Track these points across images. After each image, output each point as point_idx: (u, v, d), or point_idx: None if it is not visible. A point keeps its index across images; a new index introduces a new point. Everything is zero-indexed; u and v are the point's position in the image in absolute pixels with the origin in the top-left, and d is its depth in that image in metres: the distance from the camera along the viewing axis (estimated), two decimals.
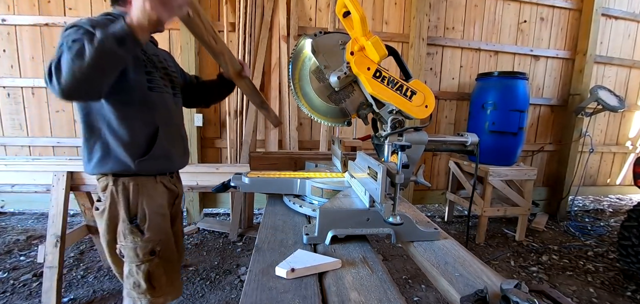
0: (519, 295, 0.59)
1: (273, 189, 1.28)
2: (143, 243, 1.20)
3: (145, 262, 1.21)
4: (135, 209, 1.21)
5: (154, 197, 1.24)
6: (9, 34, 3.08)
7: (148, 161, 1.19)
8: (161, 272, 1.25)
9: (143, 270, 1.21)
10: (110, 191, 1.20)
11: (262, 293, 0.67)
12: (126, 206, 1.19)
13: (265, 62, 3.21)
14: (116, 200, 1.20)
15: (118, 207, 1.20)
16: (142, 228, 1.21)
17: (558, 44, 3.89)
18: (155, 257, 1.23)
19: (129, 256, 1.21)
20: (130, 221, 1.20)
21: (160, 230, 1.25)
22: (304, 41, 1.17)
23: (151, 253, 1.22)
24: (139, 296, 1.23)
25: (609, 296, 2.27)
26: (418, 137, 1.06)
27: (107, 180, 1.20)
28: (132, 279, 1.22)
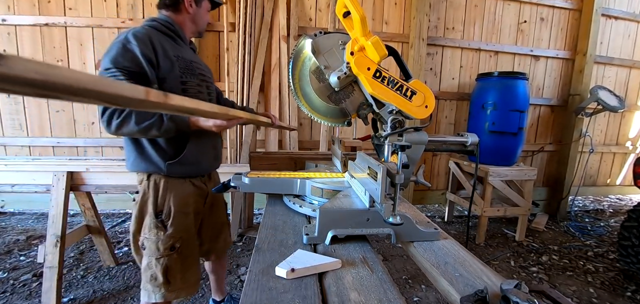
0: (519, 295, 0.59)
1: (273, 189, 1.28)
2: (165, 237, 1.28)
3: (165, 256, 1.28)
4: (162, 206, 1.29)
5: (181, 196, 1.32)
6: (9, 34, 3.08)
7: (177, 165, 1.29)
8: (178, 268, 1.31)
9: (162, 264, 1.28)
10: (143, 186, 1.30)
11: (262, 293, 0.67)
12: (154, 201, 1.29)
13: (265, 62, 3.21)
14: (147, 195, 1.29)
15: (147, 201, 1.29)
16: (166, 224, 1.29)
17: (558, 44, 3.89)
18: (174, 253, 1.30)
19: (150, 248, 1.28)
20: (156, 215, 1.28)
21: (182, 228, 1.32)
22: (304, 41, 1.17)
23: (171, 248, 1.29)
24: (154, 289, 1.29)
25: (609, 297, 2.26)
26: (418, 138, 1.06)
27: (142, 176, 1.31)
28: (150, 272, 1.29)
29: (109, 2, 3.09)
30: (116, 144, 3.30)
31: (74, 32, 3.11)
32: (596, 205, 4.31)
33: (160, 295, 1.30)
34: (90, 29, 3.12)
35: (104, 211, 3.44)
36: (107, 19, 3.10)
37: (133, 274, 2.36)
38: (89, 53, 3.15)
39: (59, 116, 3.23)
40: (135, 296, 2.11)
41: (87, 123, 3.26)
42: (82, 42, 3.13)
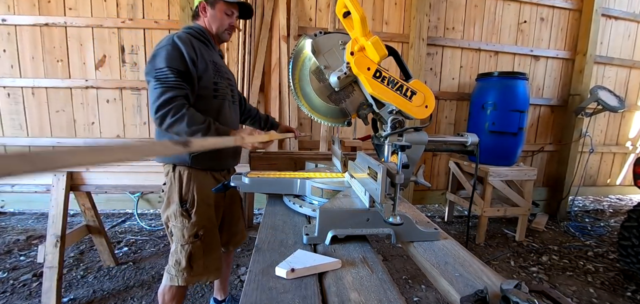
0: (519, 295, 0.59)
1: (273, 189, 1.28)
2: (189, 225, 1.38)
3: (189, 243, 1.38)
4: (186, 195, 1.39)
5: (204, 187, 1.41)
6: (9, 34, 3.08)
7: (201, 157, 1.39)
8: (200, 255, 1.41)
9: (186, 250, 1.38)
10: (170, 177, 1.41)
11: (262, 293, 0.67)
12: (179, 191, 1.39)
13: (265, 62, 3.21)
14: (173, 185, 1.40)
15: (173, 191, 1.39)
16: (190, 212, 1.39)
17: (558, 44, 3.89)
18: (198, 240, 1.40)
19: (177, 235, 1.39)
20: (181, 204, 1.39)
21: (205, 217, 1.42)
22: (304, 41, 1.17)
23: (195, 236, 1.39)
24: (178, 273, 1.39)
25: (609, 297, 2.26)
26: (418, 138, 1.06)
27: (168, 167, 1.41)
28: (175, 257, 1.39)
29: (109, 2, 3.09)
30: (116, 144, 3.30)
31: (74, 32, 3.11)
32: (596, 205, 4.31)
33: (183, 279, 1.39)
34: (90, 28, 3.12)
35: (104, 211, 3.45)
36: (107, 19, 3.10)
37: (133, 274, 2.36)
38: (89, 53, 3.15)
39: (58, 116, 3.23)
40: (135, 296, 2.11)
41: (87, 123, 3.26)
42: (82, 42, 3.13)
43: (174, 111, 1.23)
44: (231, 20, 1.48)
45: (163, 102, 1.23)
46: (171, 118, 1.23)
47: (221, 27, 1.47)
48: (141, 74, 3.22)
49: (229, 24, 1.48)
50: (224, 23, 1.47)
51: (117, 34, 3.15)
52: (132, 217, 3.38)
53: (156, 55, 1.28)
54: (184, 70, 1.28)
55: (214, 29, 1.47)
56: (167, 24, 3.14)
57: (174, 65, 1.26)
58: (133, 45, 3.18)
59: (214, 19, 1.45)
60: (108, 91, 3.22)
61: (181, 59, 1.28)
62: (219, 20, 1.45)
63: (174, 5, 3.12)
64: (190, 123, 1.24)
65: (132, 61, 3.20)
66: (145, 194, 3.46)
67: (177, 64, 1.27)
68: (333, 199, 1.09)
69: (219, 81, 1.42)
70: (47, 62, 3.14)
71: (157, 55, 1.28)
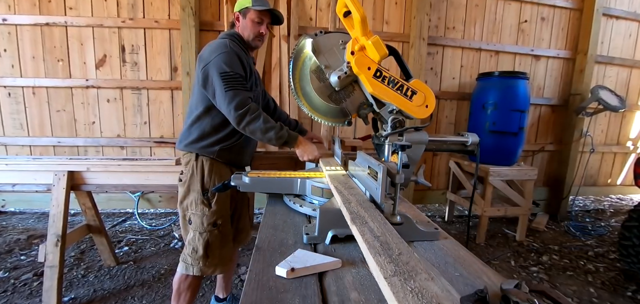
0: (519, 295, 0.59)
1: (273, 188, 1.28)
2: (209, 214, 1.44)
3: (208, 231, 1.44)
4: (208, 184, 1.46)
5: (224, 179, 1.45)
6: (10, 34, 3.08)
7: (227, 151, 1.50)
8: (217, 244, 1.46)
9: (204, 238, 1.43)
10: (191, 166, 1.48)
11: (262, 293, 0.67)
12: (201, 179, 1.46)
13: (266, 62, 3.21)
14: (195, 174, 1.47)
15: (195, 180, 1.46)
16: (211, 202, 1.45)
17: (559, 44, 3.88)
18: (216, 229, 1.46)
19: (196, 223, 1.45)
20: (203, 193, 1.45)
21: (224, 207, 1.49)
22: (305, 41, 1.17)
23: (214, 225, 1.45)
24: (194, 261, 1.44)
25: (610, 297, 2.26)
26: (418, 137, 1.06)
27: (190, 157, 1.49)
28: (193, 245, 1.44)
29: (109, 2, 3.09)
30: (117, 144, 3.31)
31: (74, 32, 3.12)
32: (597, 205, 4.31)
33: (198, 269, 1.43)
34: (90, 28, 3.12)
35: (105, 211, 3.45)
36: (108, 19, 3.10)
37: (133, 274, 2.36)
38: (90, 52, 3.16)
39: (59, 115, 3.23)
40: (136, 295, 2.12)
41: (88, 123, 3.27)
42: (82, 42, 3.13)
43: (252, 110, 1.37)
44: (261, 28, 1.55)
45: (239, 102, 1.35)
46: (250, 116, 1.36)
47: (251, 35, 1.55)
48: (142, 74, 3.22)
49: (259, 31, 1.55)
50: (254, 31, 1.54)
51: (117, 34, 3.15)
52: (133, 216, 3.39)
53: (214, 60, 1.37)
54: (244, 74, 1.42)
55: (245, 37, 1.55)
56: (167, 23, 3.14)
57: (237, 70, 1.39)
58: (133, 44, 3.18)
59: (245, 28, 1.54)
60: (108, 91, 3.22)
61: (241, 64, 1.42)
62: (250, 29, 1.54)
63: (174, 5, 3.12)
64: (266, 121, 1.38)
65: (132, 61, 3.20)
66: (146, 194, 3.47)
67: (239, 68, 1.40)
68: (333, 198, 1.09)
69: (255, 89, 1.54)
70: (48, 61, 3.14)
71: (216, 60, 1.37)
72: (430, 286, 0.48)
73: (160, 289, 2.18)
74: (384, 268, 0.52)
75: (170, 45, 3.20)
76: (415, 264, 0.54)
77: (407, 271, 0.51)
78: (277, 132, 1.39)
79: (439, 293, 0.46)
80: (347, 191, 0.96)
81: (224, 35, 1.55)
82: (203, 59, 1.43)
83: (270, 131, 1.38)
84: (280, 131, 1.40)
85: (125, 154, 3.33)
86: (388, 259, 0.55)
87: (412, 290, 0.46)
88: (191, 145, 1.49)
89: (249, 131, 1.39)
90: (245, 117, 1.36)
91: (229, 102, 1.35)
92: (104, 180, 2.01)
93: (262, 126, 1.37)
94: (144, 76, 3.23)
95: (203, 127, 1.48)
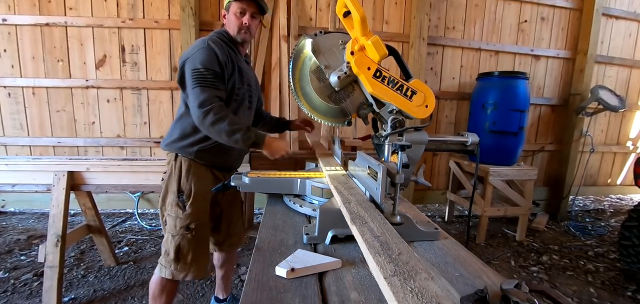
0: (519, 295, 0.59)
1: (273, 189, 1.28)
2: (183, 216, 1.38)
3: (179, 234, 1.38)
4: (184, 186, 1.40)
5: (202, 181, 1.42)
6: (10, 34, 3.08)
7: (206, 152, 1.42)
8: (190, 248, 1.40)
9: (176, 241, 1.38)
10: (170, 166, 1.43)
11: (262, 293, 0.67)
12: (178, 180, 1.40)
13: (266, 62, 3.21)
14: (172, 174, 1.41)
15: (172, 180, 1.41)
16: (186, 204, 1.39)
17: (559, 44, 3.88)
18: (189, 233, 1.39)
19: (169, 225, 1.40)
20: (178, 194, 1.40)
21: (200, 211, 1.42)
22: (305, 41, 1.17)
23: (186, 228, 1.38)
24: (165, 264, 1.39)
25: (610, 296, 2.26)
26: (418, 137, 1.06)
27: (171, 156, 1.45)
28: (165, 247, 1.40)
29: (109, 2, 3.09)
30: (116, 144, 3.30)
31: (74, 32, 3.11)
32: (597, 205, 4.31)
33: (169, 272, 1.38)
34: (90, 28, 3.12)
35: (105, 211, 3.45)
36: (108, 19, 3.10)
37: (133, 274, 2.36)
38: (89, 53, 3.15)
39: (59, 115, 3.23)
40: (136, 295, 2.12)
41: (88, 123, 3.26)
42: (82, 42, 3.13)
43: (216, 110, 1.28)
44: (243, 19, 1.47)
45: (204, 100, 1.28)
46: (214, 116, 1.27)
47: (235, 28, 1.47)
48: (141, 74, 3.22)
49: (241, 23, 1.47)
50: (237, 23, 1.47)
51: (117, 34, 3.15)
52: (133, 217, 3.39)
53: (191, 57, 1.33)
54: (219, 72, 1.34)
55: (232, 32, 1.48)
56: (167, 23, 3.14)
57: (210, 66, 1.31)
58: (133, 45, 3.18)
59: (230, 23, 1.48)
60: (108, 91, 3.22)
61: (216, 61, 1.34)
62: (234, 22, 1.47)
63: (174, 5, 3.12)
64: (231, 123, 1.28)
65: (132, 61, 3.20)
66: (146, 194, 3.47)
67: (213, 65, 1.33)
68: (333, 199, 1.09)
69: (240, 87, 1.46)
70: (48, 61, 3.14)
71: (192, 57, 1.33)
72: (430, 286, 0.48)
73: None
74: (383, 268, 0.52)
75: (170, 45, 3.20)
76: (415, 264, 0.54)
77: (407, 271, 0.52)
78: (243, 134, 1.29)
79: (439, 292, 0.46)
80: (347, 191, 0.96)
81: (211, 34, 1.49)
82: (182, 57, 1.40)
83: (237, 132, 1.28)
84: (246, 133, 1.30)
85: (125, 154, 3.33)
86: (388, 259, 0.55)
87: (412, 290, 0.46)
88: (171, 144, 1.44)
89: (213, 131, 1.30)
90: (207, 117, 1.27)
91: (194, 99, 1.29)
92: (103, 180, 2.00)
93: (227, 127, 1.27)
94: (143, 76, 3.22)
95: (184, 126, 1.42)
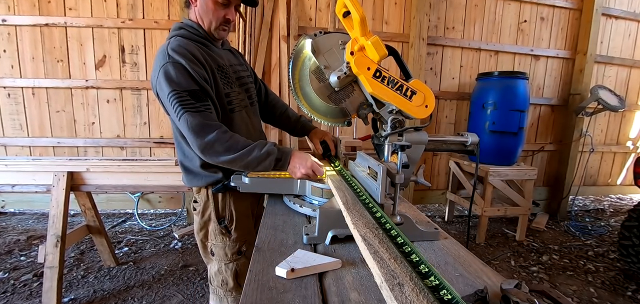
0: (519, 295, 0.59)
1: (273, 189, 1.28)
2: (231, 242, 1.28)
3: (233, 261, 1.29)
4: (224, 212, 1.28)
5: (240, 199, 1.29)
6: (10, 35, 3.08)
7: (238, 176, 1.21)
8: (246, 271, 1.31)
9: (231, 269, 1.29)
10: (202, 196, 1.28)
11: (262, 293, 0.67)
12: (216, 208, 1.27)
13: (266, 62, 3.21)
14: (208, 203, 1.27)
15: (209, 209, 1.27)
16: (230, 229, 1.28)
17: (558, 44, 3.88)
18: (242, 257, 1.30)
19: (219, 254, 1.29)
20: (219, 222, 1.27)
21: (246, 230, 1.32)
22: (304, 41, 1.17)
23: (238, 253, 1.30)
24: (226, 294, 1.31)
25: (610, 296, 2.26)
26: (418, 137, 1.06)
27: (200, 187, 1.28)
28: (221, 277, 1.30)
29: (109, 2, 3.09)
30: (116, 144, 3.30)
31: (74, 33, 3.12)
32: (596, 205, 4.31)
33: (232, 299, 1.31)
34: (90, 29, 3.12)
35: (104, 211, 3.45)
36: (107, 19, 3.10)
37: (133, 274, 2.36)
38: (89, 53, 3.15)
39: (59, 116, 3.23)
40: (135, 296, 2.12)
41: (87, 123, 3.26)
42: (82, 42, 3.13)
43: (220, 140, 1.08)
44: (227, 12, 1.18)
45: (198, 129, 1.07)
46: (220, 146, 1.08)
47: (214, 22, 1.18)
48: (141, 74, 3.22)
49: (224, 16, 1.18)
50: (217, 16, 1.17)
51: (117, 34, 3.15)
52: (133, 217, 3.38)
53: (163, 80, 1.06)
54: (197, 89, 1.08)
55: (205, 24, 1.19)
56: (167, 23, 3.14)
57: (183, 87, 1.05)
58: (133, 45, 3.18)
59: (205, 12, 1.17)
60: (108, 91, 3.22)
61: (187, 75, 1.06)
62: (211, 13, 1.16)
63: (174, 5, 3.12)
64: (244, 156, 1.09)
65: (132, 61, 3.20)
66: (146, 194, 3.47)
67: (186, 83, 1.06)
68: (333, 199, 1.09)
69: (229, 90, 1.22)
70: (48, 62, 3.14)
71: (158, 82, 1.08)
72: None
73: (160, 290, 2.18)
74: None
75: None
76: None
77: None
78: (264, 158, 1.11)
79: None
80: (347, 191, 0.95)
81: (171, 32, 1.19)
82: (151, 81, 1.14)
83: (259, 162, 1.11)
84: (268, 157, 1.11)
85: (125, 155, 3.33)
86: None
87: (413, 290, 0.46)
88: (193, 180, 1.29)
89: (222, 161, 1.10)
90: (212, 149, 1.08)
91: (186, 131, 1.07)
92: (103, 181, 2.00)
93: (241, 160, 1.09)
94: (143, 77, 3.22)
95: (190, 166, 1.26)
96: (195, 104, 1.07)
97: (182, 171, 1.30)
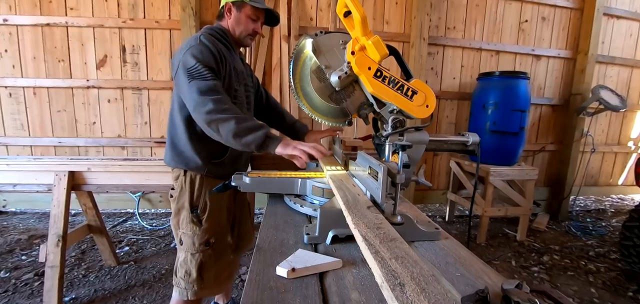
0: (520, 295, 0.58)
1: (274, 188, 1.28)
2: (201, 232, 1.31)
3: (200, 251, 1.31)
4: (198, 200, 1.32)
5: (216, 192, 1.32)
6: (11, 34, 3.09)
7: (218, 166, 1.34)
8: (211, 264, 1.34)
9: (196, 259, 1.30)
10: (180, 181, 1.33)
11: (262, 293, 0.67)
12: (190, 196, 1.32)
13: (266, 62, 3.22)
14: (183, 189, 1.33)
15: (184, 196, 1.32)
16: (202, 219, 1.32)
17: (559, 44, 3.88)
18: (209, 248, 1.32)
19: (187, 244, 1.31)
20: (192, 210, 1.31)
21: (217, 223, 1.35)
22: (305, 41, 1.17)
23: (206, 244, 1.32)
24: (188, 285, 1.31)
25: (611, 297, 2.26)
26: (419, 137, 1.06)
27: (178, 171, 1.34)
28: (185, 267, 1.31)
29: (110, 2, 3.10)
30: (117, 144, 3.31)
31: (75, 32, 3.12)
32: (598, 205, 4.30)
33: (193, 292, 1.31)
34: (91, 28, 3.12)
35: (105, 211, 3.45)
36: (108, 19, 3.10)
37: (134, 274, 2.36)
38: (90, 53, 3.16)
39: (60, 115, 3.24)
40: (136, 295, 2.12)
41: (89, 123, 3.27)
42: (83, 42, 3.14)
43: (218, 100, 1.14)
44: (256, 26, 1.41)
45: (205, 90, 1.14)
46: (215, 105, 1.12)
47: (244, 32, 1.39)
48: (142, 74, 3.22)
49: (253, 29, 1.40)
50: (248, 28, 1.39)
51: (118, 34, 3.15)
52: (134, 216, 3.39)
53: (186, 52, 1.20)
54: (214, 68, 1.22)
55: (236, 33, 1.39)
56: (167, 23, 3.14)
57: (207, 63, 1.19)
58: (134, 45, 3.18)
59: (238, 23, 1.38)
60: (109, 91, 3.23)
61: (212, 57, 1.22)
62: (244, 25, 1.38)
63: (175, 5, 3.12)
64: (239, 121, 1.12)
65: (133, 61, 3.21)
66: (147, 194, 3.47)
67: (209, 61, 1.21)
68: (334, 198, 1.09)
69: (237, 88, 1.36)
70: (49, 62, 3.14)
71: (187, 52, 1.20)
72: None
73: (161, 289, 2.18)
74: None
75: (171, 45, 3.20)
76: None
77: None
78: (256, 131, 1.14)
79: (439, 293, 0.46)
80: (347, 191, 0.95)
81: (203, 29, 1.36)
82: (175, 55, 1.27)
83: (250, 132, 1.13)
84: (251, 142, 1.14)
85: (126, 154, 3.33)
86: None
87: (413, 290, 0.46)
88: (176, 160, 1.35)
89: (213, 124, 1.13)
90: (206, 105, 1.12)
91: (192, 92, 1.15)
92: (104, 180, 2.01)
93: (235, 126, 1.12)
94: (144, 76, 3.23)
95: (178, 141, 1.33)
96: (211, 75, 1.19)
97: (168, 147, 1.37)
